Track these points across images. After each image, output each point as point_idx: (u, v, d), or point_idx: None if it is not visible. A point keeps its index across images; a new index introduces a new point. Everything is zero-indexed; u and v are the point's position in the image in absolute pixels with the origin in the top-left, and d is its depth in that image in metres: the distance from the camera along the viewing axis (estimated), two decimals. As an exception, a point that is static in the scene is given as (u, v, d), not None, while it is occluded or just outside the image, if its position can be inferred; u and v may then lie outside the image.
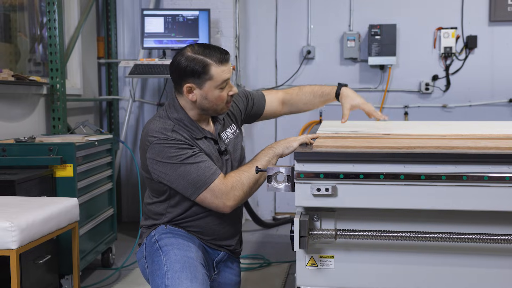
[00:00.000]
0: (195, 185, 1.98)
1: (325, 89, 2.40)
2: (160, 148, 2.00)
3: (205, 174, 1.97)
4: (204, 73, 2.02)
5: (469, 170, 1.62)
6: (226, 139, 2.21)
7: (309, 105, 2.46)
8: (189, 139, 2.04)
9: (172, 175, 1.99)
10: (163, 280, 1.90)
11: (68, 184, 3.09)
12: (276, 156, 2.03)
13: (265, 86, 4.94)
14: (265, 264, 3.76)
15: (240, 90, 2.43)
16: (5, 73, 3.19)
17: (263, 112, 2.45)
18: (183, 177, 1.98)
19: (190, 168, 1.97)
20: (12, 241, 2.13)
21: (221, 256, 2.19)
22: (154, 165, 2.02)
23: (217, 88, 2.05)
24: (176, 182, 2.00)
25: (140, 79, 4.83)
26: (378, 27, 4.68)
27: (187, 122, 2.09)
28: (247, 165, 2.05)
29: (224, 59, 2.04)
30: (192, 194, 2.00)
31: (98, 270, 3.65)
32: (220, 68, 2.03)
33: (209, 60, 2.01)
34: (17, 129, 3.52)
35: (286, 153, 2.04)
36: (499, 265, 1.72)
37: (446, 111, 4.81)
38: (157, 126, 2.04)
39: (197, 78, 2.03)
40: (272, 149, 2.04)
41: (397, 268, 1.76)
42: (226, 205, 1.99)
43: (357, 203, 1.68)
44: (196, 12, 4.21)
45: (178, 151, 1.99)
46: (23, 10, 3.89)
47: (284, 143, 2.05)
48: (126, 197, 5.01)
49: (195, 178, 1.97)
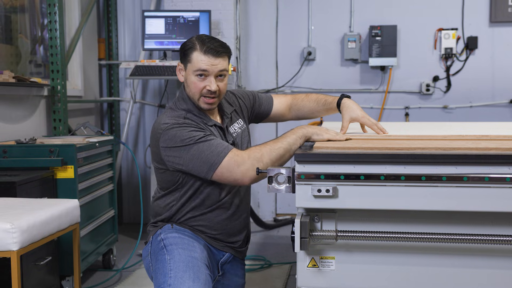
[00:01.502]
0: (209, 162, 1.95)
1: (329, 98, 2.39)
2: (172, 132, 2.01)
3: (218, 149, 1.96)
4: (187, 54, 2.10)
5: (469, 171, 1.62)
6: (234, 133, 2.23)
7: (314, 112, 2.45)
8: (201, 124, 2.08)
9: (185, 157, 1.99)
10: (166, 279, 1.91)
11: (69, 185, 3.09)
12: (304, 137, 1.97)
13: (266, 87, 4.94)
14: (266, 265, 3.76)
15: (247, 90, 2.46)
16: (6, 74, 3.20)
17: (271, 112, 2.46)
18: (197, 156, 1.97)
19: (203, 146, 1.97)
20: (13, 243, 2.14)
21: (226, 257, 2.20)
22: (168, 151, 2.02)
23: (193, 74, 2.08)
24: (191, 164, 1.99)
25: (141, 80, 4.84)
26: (378, 28, 4.69)
27: (196, 112, 2.13)
28: (273, 140, 2.00)
29: (210, 51, 2.06)
30: (208, 172, 1.97)
31: (99, 271, 3.65)
32: (201, 56, 2.06)
33: (198, 45, 2.08)
34: (18, 131, 3.53)
35: (314, 139, 1.96)
36: (500, 266, 1.72)
37: (446, 112, 4.81)
38: (169, 116, 2.09)
39: (183, 58, 2.13)
40: (302, 130, 1.98)
41: (398, 269, 1.76)
42: (246, 175, 1.93)
43: (358, 204, 1.68)
44: (197, 14, 4.21)
45: (191, 133, 2.00)
46: (24, 12, 3.89)
47: (316, 129, 1.98)
48: (127, 198, 5.02)
49: (208, 155, 1.96)
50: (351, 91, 4.84)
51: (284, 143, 1.94)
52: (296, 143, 1.95)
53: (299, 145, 1.96)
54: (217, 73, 2.09)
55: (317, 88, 4.88)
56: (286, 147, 1.94)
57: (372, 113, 4.81)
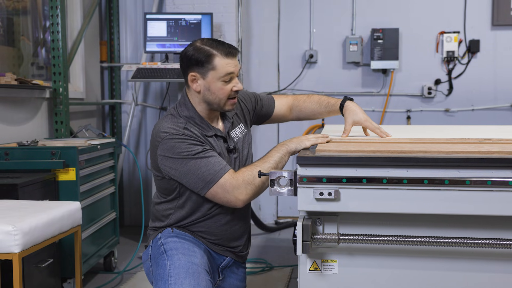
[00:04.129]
0: (205, 180, 1.97)
1: (331, 100, 2.39)
2: (171, 143, 2.00)
3: (215, 168, 1.97)
4: (208, 62, 2.04)
5: (472, 174, 1.62)
6: (235, 138, 2.23)
7: (316, 113, 2.44)
8: (200, 136, 2.06)
9: (182, 170, 1.99)
10: (166, 286, 1.91)
11: (71, 187, 3.09)
12: (288, 153, 2.02)
13: (267, 90, 4.94)
14: (267, 268, 3.75)
15: (249, 91, 2.45)
16: (8, 77, 3.20)
17: (272, 113, 2.46)
18: (193, 172, 1.98)
19: (200, 163, 1.97)
20: (14, 245, 2.13)
21: (226, 261, 2.19)
22: (165, 161, 2.02)
23: (220, 80, 2.06)
24: (186, 178, 1.99)
25: (142, 83, 4.84)
26: (380, 31, 4.69)
27: (198, 120, 2.11)
28: (260, 160, 2.03)
29: (230, 53, 2.06)
30: (202, 189, 1.99)
31: (100, 274, 3.65)
32: (224, 60, 2.05)
33: (214, 51, 2.05)
34: (20, 133, 3.53)
35: (299, 150, 2.01)
36: (503, 270, 1.71)
37: (448, 115, 4.81)
38: (168, 123, 2.07)
39: (201, 67, 2.06)
40: (285, 146, 2.03)
41: (401, 273, 1.76)
42: (239, 199, 1.97)
43: (360, 207, 1.68)
44: (199, 16, 4.21)
45: (189, 146, 1.99)
46: (26, 14, 3.90)
47: (297, 141, 2.03)
48: (129, 201, 5.02)
49: (205, 173, 1.97)
50: (353, 94, 4.84)
51: (272, 162, 1.99)
52: (282, 161, 2.01)
53: (285, 163, 2.02)
54: (237, 72, 2.11)
55: (318, 91, 4.88)
56: (274, 166, 1.99)
57: (374, 116, 4.81)
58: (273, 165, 1.98)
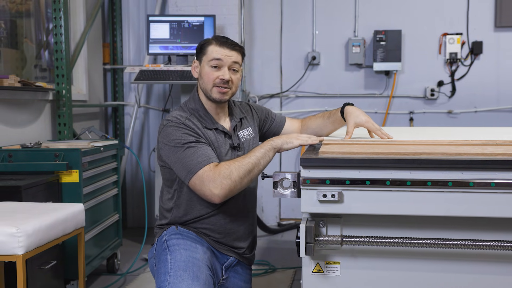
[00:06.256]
0: (187, 169, 1.98)
1: (332, 110, 2.41)
2: (169, 130, 2.06)
3: (198, 159, 1.97)
4: (202, 49, 2.18)
5: (476, 176, 1.61)
6: (243, 138, 2.26)
7: (322, 127, 2.43)
8: (200, 128, 2.11)
9: (172, 158, 2.04)
10: (165, 278, 1.93)
11: (74, 189, 3.10)
12: (273, 149, 1.99)
13: (270, 91, 4.95)
14: (270, 270, 3.75)
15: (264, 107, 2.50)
16: (11, 79, 3.21)
17: (282, 129, 2.48)
18: (180, 160, 2.01)
19: (187, 152, 2.00)
20: (18, 247, 2.14)
21: (230, 261, 2.20)
22: (162, 147, 2.09)
23: (207, 64, 2.14)
24: (175, 165, 2.03)
25: (145, 85, 4.85)
26: (383, 33, 4.69)
27: (202, 113, 2.17)
28: (242, 156, 2.02)
29: (225, 43, 2.15)
30: (185, 178, 2.00)
31: (103, 275, 3.65)
32: (216, 47, 2.14)
33: (212, 40, 2.18)
34: (23, 135, 3.54)
35: (285, 148, 2.00)
36: (506, 272, 1.71)
37: (451, 117, 4.80)
38: (174, 113, 2.15)
39: (199, 54, 2.20)
40: (271, 142, 2.01)
41: (404, 275, 1.75)
42: (214, 193, 1.93)
43: (364, 209, 1.68)
44: (202, 18, 4.22)
45: (183, 135, 2.03)
46: (30, 17, 3.91)
47: (285, 138, 2.02)
48: (131, 202, 5.02)
49: (188, 162, 1.98)
50: (356, 96, 4.84)
51: (253, 158, 1.96)
52: (265, 157, 1.97)
53: (269, 159, 1.98)
54: (231, 65, 2.14)
55: (321, 93, 4.88)
56: (254, 162, 1.95)
57: (377, 118, 4.81)
58: (254, 160, 1.95)
